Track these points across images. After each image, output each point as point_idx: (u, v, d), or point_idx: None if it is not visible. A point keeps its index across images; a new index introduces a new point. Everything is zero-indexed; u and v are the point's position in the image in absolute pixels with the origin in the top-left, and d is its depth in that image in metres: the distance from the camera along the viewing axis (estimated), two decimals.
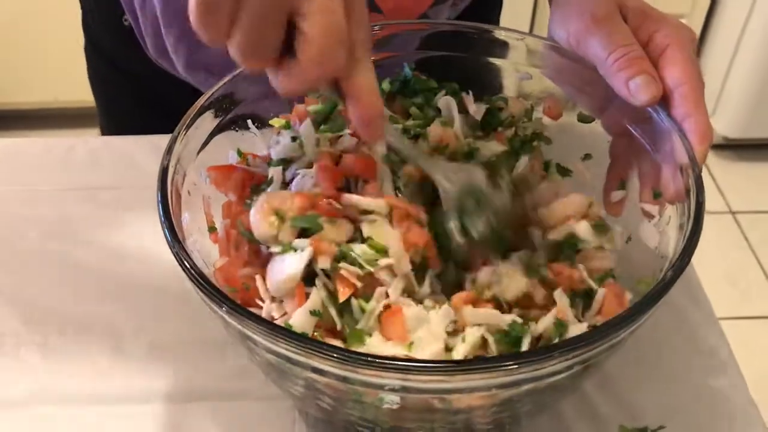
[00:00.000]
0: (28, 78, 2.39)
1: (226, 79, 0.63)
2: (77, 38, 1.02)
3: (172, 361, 0.68)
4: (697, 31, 2.37)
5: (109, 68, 1.00)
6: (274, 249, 0.55)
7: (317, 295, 0.54)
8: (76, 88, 2.25)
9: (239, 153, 0.65)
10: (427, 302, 0.55)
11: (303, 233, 0.55)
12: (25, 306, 0.73)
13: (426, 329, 0.52)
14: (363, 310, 0.53)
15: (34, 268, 0.77)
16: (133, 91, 1.00)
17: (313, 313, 0.53)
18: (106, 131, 1.09)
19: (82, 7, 0.99)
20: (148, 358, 0.69)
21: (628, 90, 0.59)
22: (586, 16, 0.63)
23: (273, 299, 0.56)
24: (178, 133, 0.59)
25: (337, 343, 0.52)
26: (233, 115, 0.65)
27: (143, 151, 0.86)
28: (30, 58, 2.33)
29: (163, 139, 0.60)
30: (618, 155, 0.66)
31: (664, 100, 0.60)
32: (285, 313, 0.55)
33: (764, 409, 0.67)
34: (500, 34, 0.70)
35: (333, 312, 0.54)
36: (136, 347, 0.70)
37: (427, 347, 0.52)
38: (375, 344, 0.52)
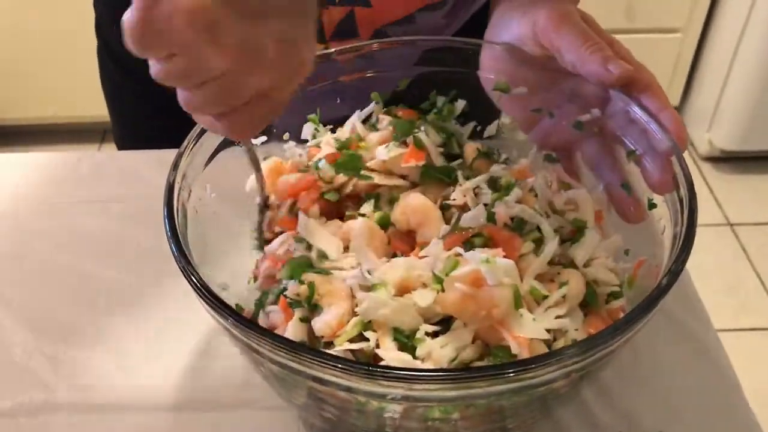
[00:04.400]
0: (28, 94, 2.41)
1: None
2: (77, 54, 1.03)
3: (178, 372, 0.69)
4: (694, 44, 2.39)
5: (120, 71, 1.01)
6: None
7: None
8: (76, 104, 2.28)
9: None
10: None
11: None
12: (35, 317, 0.74)
13: None
14: None
15: (43, 280, 0.78)
16: (143, 94, 1.01)
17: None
18: (118, 138, 1.10)
19: (96, 11, 1.01)
20: (155, 369, 0.70)
21: (605, 68, 0.62)
22: (555, 13, 0.67)
23: None
24: (185, 149, 0.61)
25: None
26: None
27: (149, 164, 0.88)
28: (29, 74, 2.35)
29: (168, 153, 0.61)
30: (592, 157, 0.68)
31: (635, 98, 0.63)
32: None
33: (763, 419, 0.68)
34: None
35: None
36: (142, 358, 0.71)
37: None
38: None
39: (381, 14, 0.84)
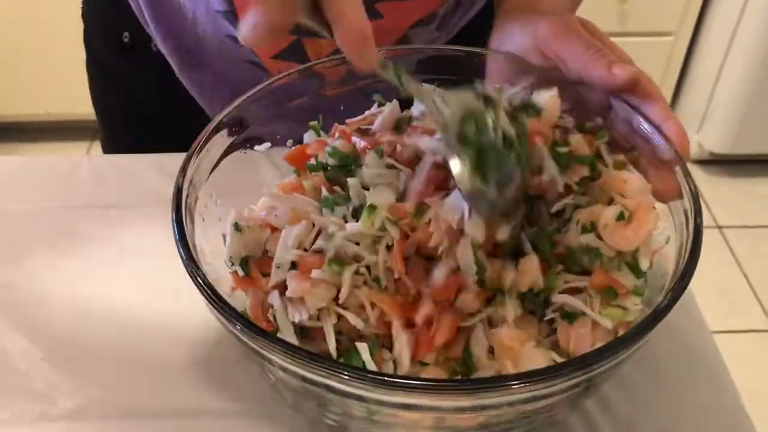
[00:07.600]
0: (20, 91, 2.40)
1: (237, 102, 0.65)
2: (69, 52, 1.03)
3: (179, 380, 0.69)
4: (685, 47, 2.40)
5: (110, 85, 1.01)
6: None
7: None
8: (68, 101, 2.27)
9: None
10: None
11: None
12: (31, 323, 0.73)
13: None
14: None
15: (39, 285, 0.77)
16: (133, 107, 1.01)
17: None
18: (106, 146, 1.10)
19: (84, 23, 1.00)
20: (156, 376, 0.69)
21: (610, 72, 0.63)
22: (556, 22, 0.68)
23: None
24: (192, 153, 0.61)
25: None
26: (244, 136, 0.66)
27: (148, 169, 0.87)
28: (21, 71, 2.34)
29: (167, 158, 0.60)
30: None
31: (637, 107, 0.64)
32: None
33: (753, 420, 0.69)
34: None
35: None
36: (142, 365, 0.70)
37: None
38: None
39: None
